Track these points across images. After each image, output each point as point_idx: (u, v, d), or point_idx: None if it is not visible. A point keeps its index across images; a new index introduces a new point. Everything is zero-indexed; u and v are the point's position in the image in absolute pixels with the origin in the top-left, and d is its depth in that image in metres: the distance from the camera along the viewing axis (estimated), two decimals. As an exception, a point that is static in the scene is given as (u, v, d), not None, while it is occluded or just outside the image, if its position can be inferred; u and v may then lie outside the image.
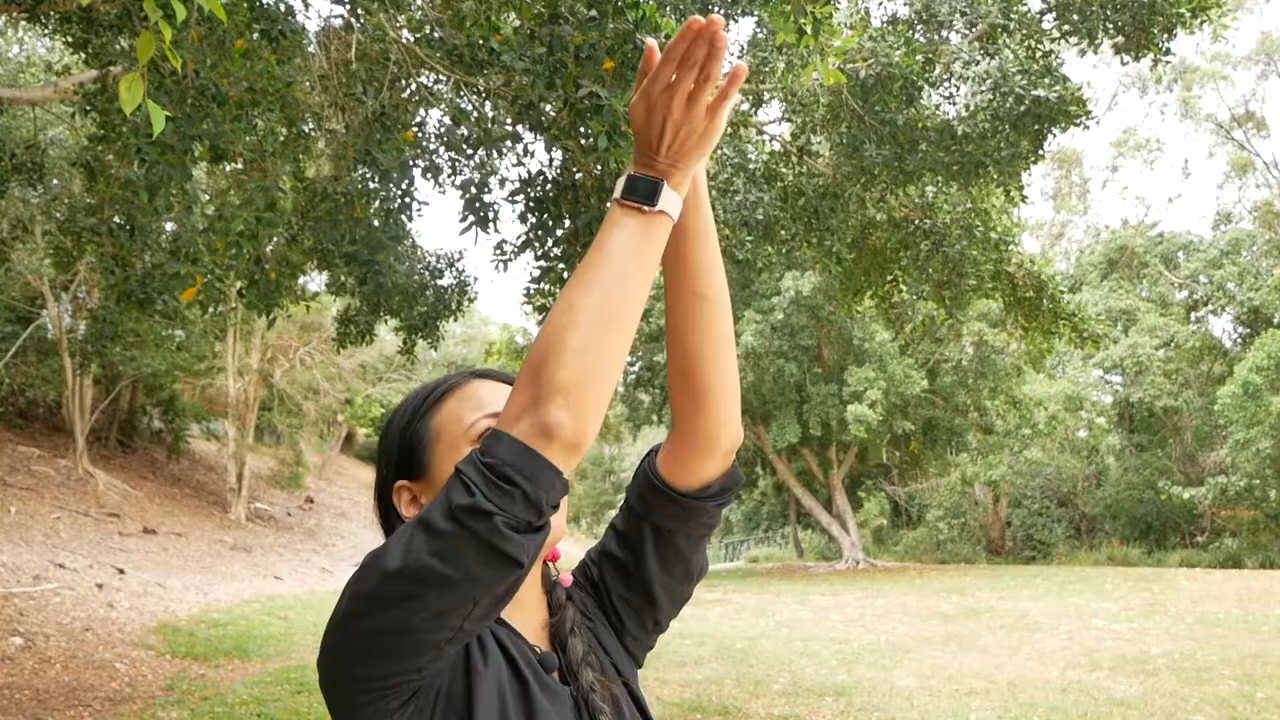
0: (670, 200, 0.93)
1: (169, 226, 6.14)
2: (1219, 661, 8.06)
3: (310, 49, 5.88)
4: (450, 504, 0.82)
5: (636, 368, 24.81)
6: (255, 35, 4.35)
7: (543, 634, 1.08)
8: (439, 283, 7.99)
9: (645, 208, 0.91)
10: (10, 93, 7.62)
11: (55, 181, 12.74)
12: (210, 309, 4.46)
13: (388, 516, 1.09)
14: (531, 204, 4.63)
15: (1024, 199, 7.56)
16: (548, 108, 4.01)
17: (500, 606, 0.87)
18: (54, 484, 15.19)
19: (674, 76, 0.89)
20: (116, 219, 4.80)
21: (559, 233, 4.75)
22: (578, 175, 4.59)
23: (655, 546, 1.10)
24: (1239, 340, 24.91)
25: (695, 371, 1.04)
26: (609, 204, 0.99)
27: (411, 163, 5.73)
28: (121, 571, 11.59)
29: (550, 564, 1.14)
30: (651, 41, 0.93)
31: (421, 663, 0.86)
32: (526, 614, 1.07)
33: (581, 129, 3.78)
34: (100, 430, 19.26)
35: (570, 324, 0.86)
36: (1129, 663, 8.29)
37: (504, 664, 0.98)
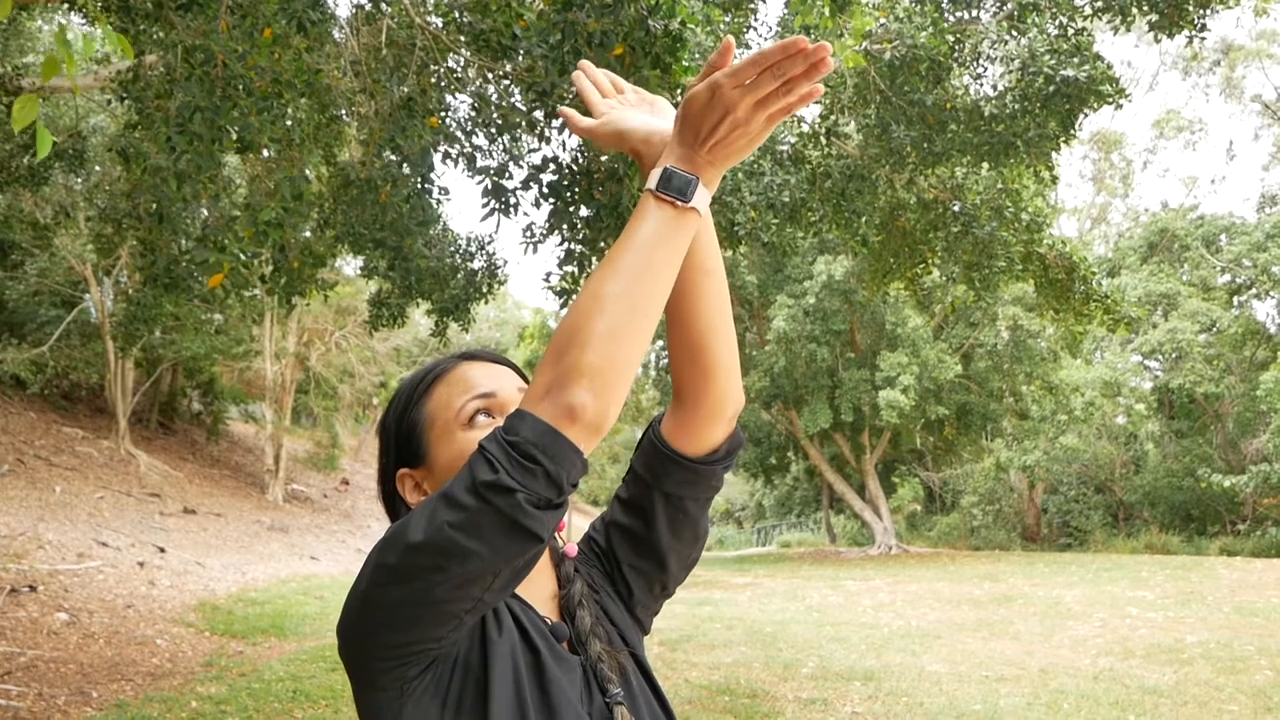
0: (703, 198, 0.95)
1: (202, 213, 6.25)
2: (1256, 651, 7.94)
3: (340, 36, 5.93)
4: (474, 479, 0.85)
5: (668, 352, 24.80)
6: (284, 22, 4.41)
7: (552, 605, 1.11)
8: (470, 266, 8.05)
9: (679, 203, 0.93)
10: (65, 81, 7.76)
11: (97, 168, 12.99)
12: (235, 294, 4.55)
13: (392, 503, 1.13)
14: (546, 190, 4.66)
15: (1054, 180, 7.43)
16: (560, 95, 4.02)
17: (519, 579, 0.90)
18: (97, 464, 15.55)
19: (753, 78, 0.89)
20: (147, 205, 4.90)
21: (577, 220, 4.77)
22: (590, 162, 4.61)
23: (666, 512, 1.13)
24: (1284, 325, 24.35)
25: (704, 344, 1.07)
26: (639, 191, 1.02)
27: (435, 149, 5.77)
28: (162, 550, 11.86)
29: (557, 535, 1.17)
30: (730, 38, 0.94)
31: (442, 632, 0.90)
32: (536, 586, 1.10)
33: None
34: (141, 412, 19.67)
35: (597, 310, 0.88)
36: (1163, 651, 8.19)
37: (517, 634, 1.01)
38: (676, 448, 1.11)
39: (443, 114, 5.81)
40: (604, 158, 4.44)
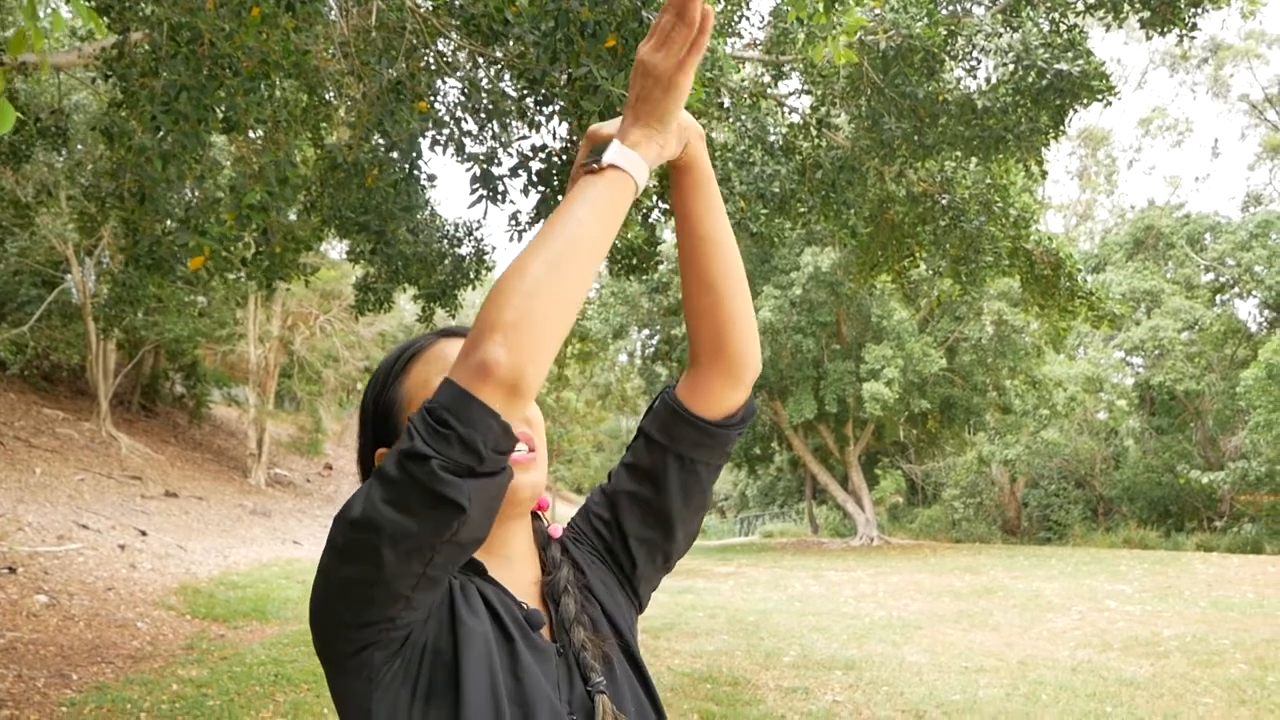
0: (619, 155, 0.96)
1: (186, 194, 6.18)
2: (1231, 645, 8.04)
3: (331, 16, 5.87)
4: (398, 452, 0.84)
5: (655, 341, 24.82)
6: (273, 1, 4.35)
7: (533, 590, 1.09)
8: (457, 251, 8.01)
9: (595, 166, 0.96)
10: (34, 57, 7.65)
11: (80, 147, 12.83)
12: (219, 276, 4.51)
13: None
14: (535, 179, 4.63)
15: (1044, 175, 7.47)
16: (551, 82, 4.00)
17: (462, 554, 0.88)
18: (78, 446, 15.43)
19: (661, 42, 0.94)
20: (131, 185, 4.84)
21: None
22: (576, 153, 4.59)
23: (679, 476, 1.14)
24: (1265, 324, 24.55)
25: (717, 310, 1.10)
26: None
27: (423, 134, 5.72)
28: (143, 533, 11.78)
29: (541, 515, 1.16)
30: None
31: (394, 611, 0.88)
32: (516, 571, 1.08)
33: (581, 105, 3.77)
34: (123, 394, 19.51)
35: (516, 272, 0.88)
36: (1140, 644, 8.28)
37: (490, 621, 0.99)
38: (695, 410, 1.13)
39: (432, 98, 5.76)
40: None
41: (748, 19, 7.83)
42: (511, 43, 4.12)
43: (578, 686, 1.01)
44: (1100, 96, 6.28)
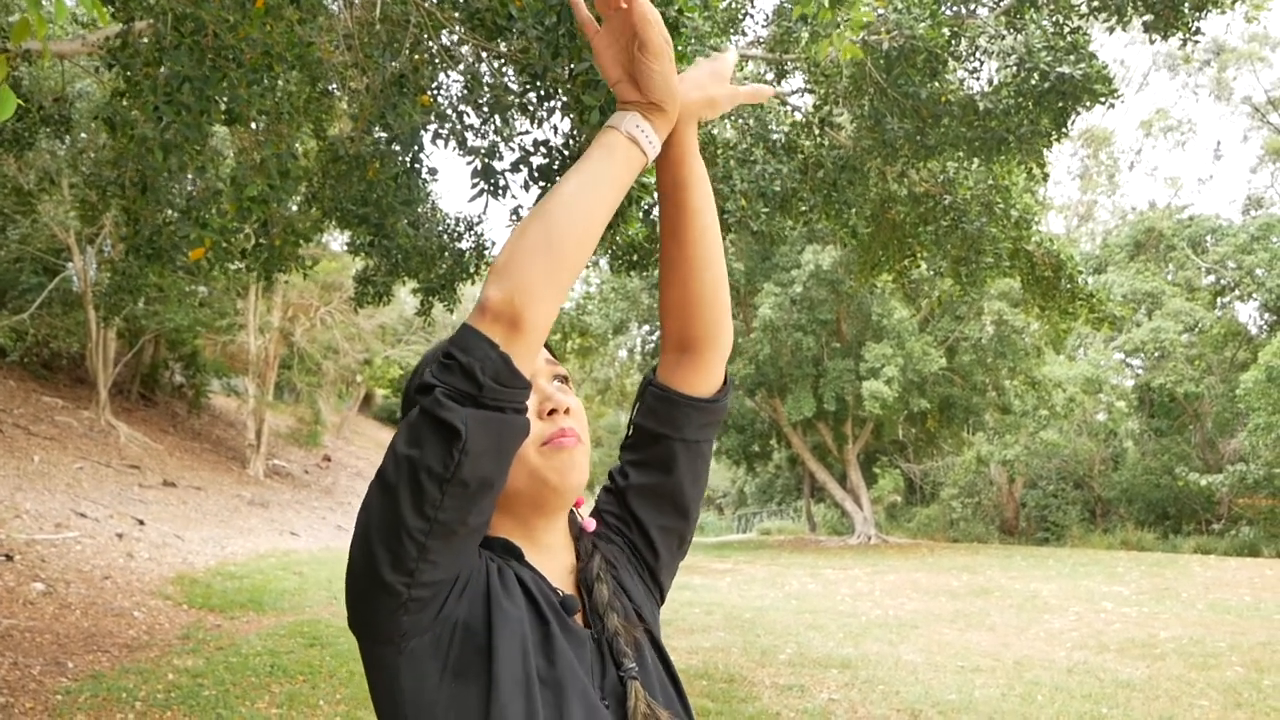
0: (619, 118, 1.04)
1: (188, 184, 6.17)
2: (1227, 648, 8.05)
3: (334, 7, 5.86)
4: (415, 388, 0.94)
5: (655, 337, 24.81)
6: (277, -8, 4.34)
7: (569, 579, 1.11)
8: (458, 245, 8.00)
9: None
10: (37, 44, 7.63)
11: (83, 135, 12.80)
12: (219, 267, 4.51)
13: None
14: (536, 174, 4.63)
15: (1045, 176, 7.46)
16: (553, 77, 3.99)
17: (471, 502, 0.90)
18: (76, 434, 15.43)
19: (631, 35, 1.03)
20: (132, 175, 4.84)
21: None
22: (581, 147, 4.59)
23: (686, 458, 1.18)
24: (1266, 327, 24.53)
25: (712, 277, 1.15)
26: None
27: (425, 128, 5.72)
28: (141, 522, 11.80)
29: (575, 510, 1.18)
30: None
31: (411, 563, 0.90)
32: (552, 558, 1.10)
33: (583, 100, 3.77)
34: (123, 383, 19.51)
35: (519, 228, 0.96)
36: (1136, 646, 8.30)
37: (526, 604, 1.01)
38: (692, 393, 1.17)
39: (435, 91, 5.75)
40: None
41: (751, 16, 7.82)
42: (515, 37, 4.11)
43: (610, 672, 1.03)
44: (1102, 100, 6.28)
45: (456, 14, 4.80)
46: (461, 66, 5.39)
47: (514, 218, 5.53)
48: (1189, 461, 22.97)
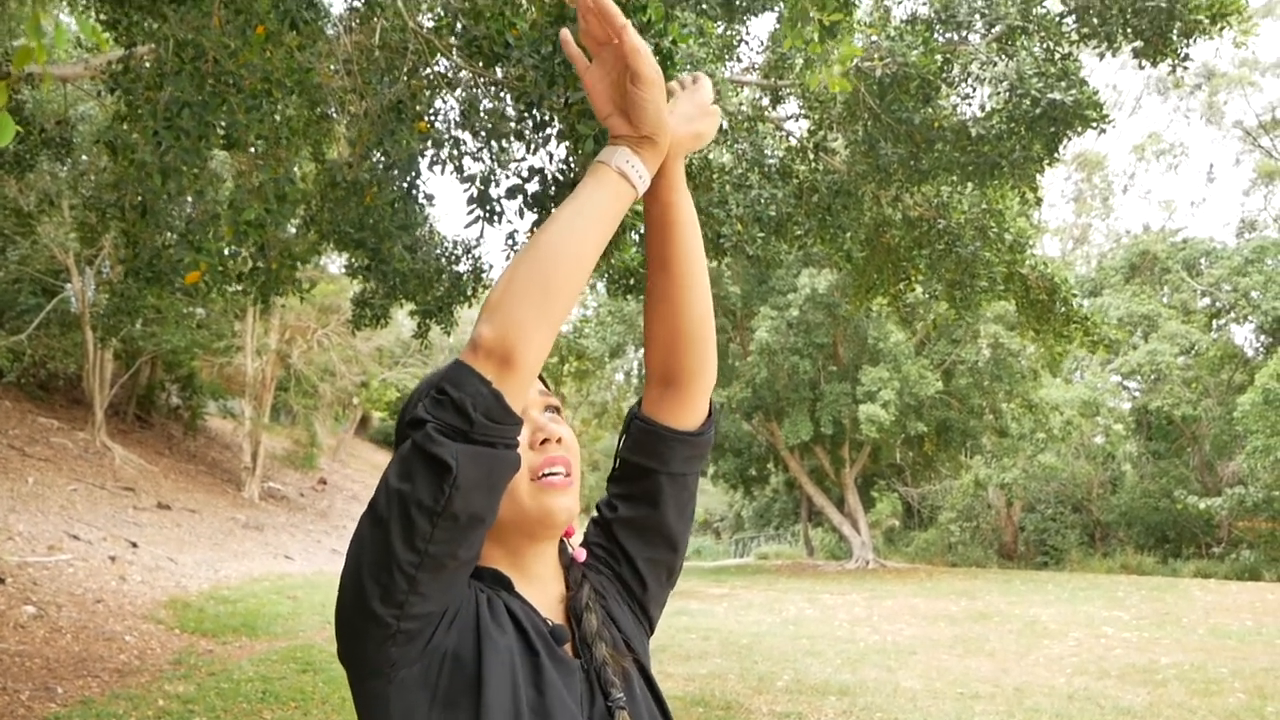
0: (609, 153, 1.05)
1: (187, 207, 6.20)
2: (1229, 674, 8.00)
3: (333, 33, 5.91)
4: (406, 422, 0.95)
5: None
6: (278, 20, 4.37)
7: (558, 608, 1.11)
8: (455, 269, 8.02)
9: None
10: (39, 69, 7.68)
11: (84, 158, 12.86)
12: (216, 289, 4.52)
13: None
14: (531, 200, 4.66)
15: (1038, 201, 7.51)
16: (549, 105, 4.03)
17: (462, 536, 0.91)
18: (71, 456, 15.38)
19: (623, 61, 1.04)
20: (132, 198, 4.86)
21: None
22: (575, 175, 4.62)
23: (672, 492, 1.18)
24: (1261, 349, 24.59)
25: (690, 318, 1.16)
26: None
27: (423, 154, 5.76)
28: (134, 545, 11.73)
29: (565, 540, 1.18)
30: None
31: (400, 595, 0.90)
32: (542, 588, 1.10)
33: (577, 129, 3.81)
34: (119, 404, 19.47)
35: (511, 265, 0.97)
36: (1137, 672, 8.24)
37: (515, 635, 1.01)
38: (679, 427, 1.17)
39: (432, 117, 5.79)
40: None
41: (746, 43, 7.89)
42: (511, 65, 4.15)
43: (599, 702, 1.03)
44: (1094, 125, 6.34)
45: (454, 41, 4.84)
46: (459, 92, 5.43)
47: (509, 242, 5.56)
48: (1187, 484, 22.93)
